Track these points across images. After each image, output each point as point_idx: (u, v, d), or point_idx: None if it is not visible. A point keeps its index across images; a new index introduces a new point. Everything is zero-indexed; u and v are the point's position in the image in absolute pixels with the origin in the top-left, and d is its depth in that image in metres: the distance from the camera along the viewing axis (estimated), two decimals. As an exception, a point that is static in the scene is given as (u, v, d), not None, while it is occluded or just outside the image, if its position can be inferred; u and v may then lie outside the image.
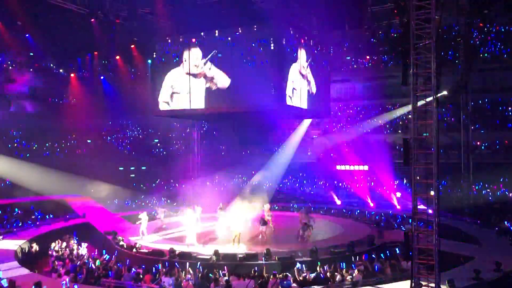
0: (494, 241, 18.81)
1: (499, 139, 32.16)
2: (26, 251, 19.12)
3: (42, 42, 30.39)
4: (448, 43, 30.19)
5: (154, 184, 36.49)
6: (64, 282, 13.06)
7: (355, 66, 40.25)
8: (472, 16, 26.07)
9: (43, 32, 28.57)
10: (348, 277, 14.24)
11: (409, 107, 12.68)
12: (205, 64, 16.67)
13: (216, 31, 16.41)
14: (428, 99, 11.36)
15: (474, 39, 28.47)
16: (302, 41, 17.23)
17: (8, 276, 13.75)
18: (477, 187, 29.28)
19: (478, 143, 31.88)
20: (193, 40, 16.86)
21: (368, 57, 36.86)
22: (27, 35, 29.76)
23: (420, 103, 11.50)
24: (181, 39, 17.28)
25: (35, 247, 19.57)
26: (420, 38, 11.23)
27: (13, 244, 18.92)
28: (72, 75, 37.50)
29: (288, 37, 15.75)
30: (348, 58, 40.77)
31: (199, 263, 15.70)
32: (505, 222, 21.59)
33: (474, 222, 23.46)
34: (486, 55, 34.37)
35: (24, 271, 15.23)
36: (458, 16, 24.67)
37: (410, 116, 11.79)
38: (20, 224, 23.40)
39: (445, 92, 29.11)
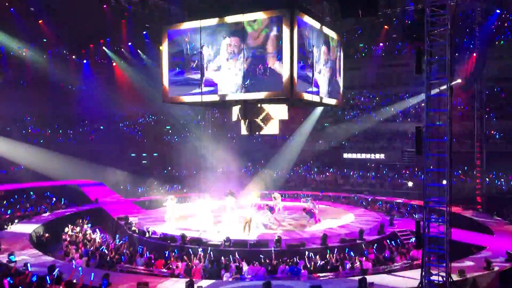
0: (507, 231, 18.66)
1: (514, 129, 31.73)
2: (40, 235, 19.47)
3: (55, 28, 30.53)
4: (463, 30, 29.72)
5: (165, 171, 36.76)
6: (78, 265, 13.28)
7: (368, 53, 39.89)
8: (488, 3, 25.60)
9: (56, 18, 28.69)
10: (358, 264, 14.29)
11: (422, 96, 12.54)
12: (217, 51, 16.58)
13: (228, 17, 16.27)
14: (442, 87, 11.21)
15: (489, 26, 27.97)
16: (315, 27, 17.04)
17: (23, 259, 14.02)
18: (490, 177, 29.00)
19: (492, 132, 31.49)
20: (205, 25, 16.75)
21: (381, 44, 36.44)
22: (40, 21, 29.89)
23: (433, 91, 11.37)
24: (193, 26, 17.19)
25: (47, 233, 19.90)
26: (434, 25, 11.06)
27: (27, 228, 19.26)
28: (84, 61, 37.75)
29: (301, 23, 15.59)
30: (361, 45, 40.40)
31: (210, 249, 15.83)
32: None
33: (487, 212, 23.30)
34: (502, 42, 33.79)
35: (39, 254, 15.49)
36: (473, 2, 24.22)
37: (423, 104, 11.64)
38: (34, 209, 23.78)
39: (459, 80, 28.72)
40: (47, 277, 11.26)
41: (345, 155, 37.10)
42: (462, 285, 12.23)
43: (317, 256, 15.07)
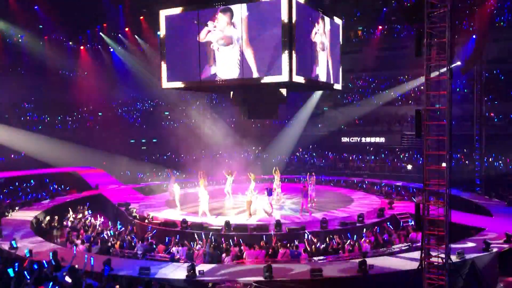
0: (505, 213, 18.76)
1: (513, 111, 31.71)
2: (41, 221, 19.53)
3: (51, 14, 30.21)
4: (463, 12, 29.43)
5: (165, 157, 36.78)
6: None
7: (367, 36, 39.61)
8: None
9: (52, 4, 28.39)
10: (357, 246, 14.38)
11: (422, 79, 12.48)
12: (214, 35, 16.43)
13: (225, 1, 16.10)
14: (442, 70, 11.15)
15: (490, 8, 27.70)
16: (314, 10, 16.89)
17: (24, 246, 14.07)
18: (489, 159, 29.06)
19: (492, 114, 31.47)
20: (203, 9, 16.58)
21: (380, 27, 36.18)
22: (36, 7, 29.57)
23: (433, 74, 11.30)
24: (190, 10, 17.02)
25: (48, 218, 19.96)
26: (434, 6, 10.94)
27: (28, 215, 19.31)
28: (81, 47, 37.48)
29: (300, 6, 15.43)
30: (360, 28, 40.10)
31: (211, 233, 15.91)
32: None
33: (485, 194, 23.40)
34: (502, 24, 33.55)
35: (40, 241, 15.56)
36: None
37: (422, 87, 11.59)
38: (35, 196, 23.81)
39: (458, 63, 28.57)
40: (49, 263, 11.29)
41: (344, 139, 37.12)
42: (461, 266, 12.35)
43: (318, 240, 15.18)
